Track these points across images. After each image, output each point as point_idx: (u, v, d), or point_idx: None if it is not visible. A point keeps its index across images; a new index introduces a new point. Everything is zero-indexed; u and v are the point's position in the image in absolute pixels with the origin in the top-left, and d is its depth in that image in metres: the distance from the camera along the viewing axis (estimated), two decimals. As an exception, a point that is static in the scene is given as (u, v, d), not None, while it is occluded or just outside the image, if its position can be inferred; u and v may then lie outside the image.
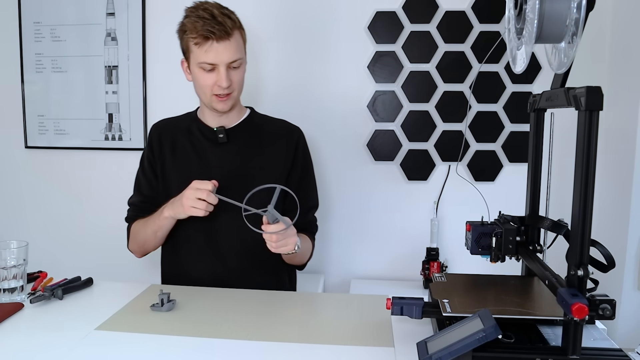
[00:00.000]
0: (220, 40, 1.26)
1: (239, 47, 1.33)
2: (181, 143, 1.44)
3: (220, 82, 1.29)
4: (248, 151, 1.41)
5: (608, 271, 0.85)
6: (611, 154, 1.85)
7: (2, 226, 2.22)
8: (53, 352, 0.90)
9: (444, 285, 1.02)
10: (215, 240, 1.38)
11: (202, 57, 1.28)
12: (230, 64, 1.29)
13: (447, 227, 2.01)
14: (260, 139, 1.43)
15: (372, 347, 0.93)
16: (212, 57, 1.27)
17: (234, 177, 1.38)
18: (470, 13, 1.92)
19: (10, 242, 1.14)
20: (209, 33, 1.25)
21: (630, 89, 1.75)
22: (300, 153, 1.46)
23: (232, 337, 0.97)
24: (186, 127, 1.46)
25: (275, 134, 1.45)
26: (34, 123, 2.14)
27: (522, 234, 1.02)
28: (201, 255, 1.39)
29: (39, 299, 1.11)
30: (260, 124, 1.47)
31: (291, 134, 1.46)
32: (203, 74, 1.31)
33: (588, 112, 0.75)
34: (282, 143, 1.43)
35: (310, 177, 1.50)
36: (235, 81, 1.33)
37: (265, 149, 1.42)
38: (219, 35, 1.25)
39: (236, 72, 1.33)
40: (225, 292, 1.23)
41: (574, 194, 0.78)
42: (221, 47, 1.27)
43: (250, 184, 1.31)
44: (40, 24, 2.09)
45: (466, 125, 1.97)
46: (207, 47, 1.27)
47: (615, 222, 1.82)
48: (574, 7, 0.80)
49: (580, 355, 0.78)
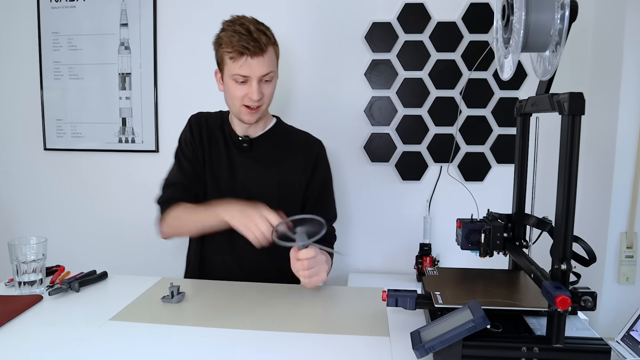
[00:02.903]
0: (254, 56, 1.23)
1: (272, 61, 1.28)
2: (216, 140, 1.40)
3: (251, 94, 1.26)
4: (269, 161, 1.37)
5: (589, 265, 0.85)
6: (592, 156, 1.85)
7: (23, 222, 2.23)
8: (70, 341, 0.90)
9: (436, 279, 1.02)
10: (237, 245, 1.33)
11: (235, 70, 1.25)
12: (262, 77, 1.26)
13: (439, 224, 2.01)
14: (282, 150, 1.39)
15: (369, 337, 0.93)
16: (246, 71, 1.24)
17: (255, 185, 1.35)
18: (461, 24, 1.92)
19: (30, 238, 1.14)
20: (244, 49, 1.21)
21: (610, 95, 1.75)
22: (320, 166, 1.41)
23: (237, 327, 0.97)
24: (220, 127, 1.42)
25: (296, 146, 1.41)
26: (53, 127, 2.15)
27: (509, 230, 1.02)
28: (221, 255, 1.37)
29: (57, 291, 1.12)
30: (284, 136, 1.42)
31: (311, 148, 1.41)
32: (235, 85, 1.27)
33: (571, 117, 0.75)
34: (302, 155, 1.39)
35: (329, 190, 1.45)
36: (266, 94, 1.29)
37: (285, 160, 1.38)
38: (253, 52, 1.22)
39: (267, 85, 1.29)
40: (231, 285, 1.23)
41: (558, 193, 0.78)
42: (255, 62, 1.23)
43: (270, 193, 1.32)
44: (58, 34, 2.09)
45: (457, 128, 1.97)
46: (242, 63, 1.23)
47: (596, 220, 1.82)
48: (557, 18, 0.80)
49: (563, 344, 0.78)
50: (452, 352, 0.79)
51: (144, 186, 2.21)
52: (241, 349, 0.88)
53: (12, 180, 2.21)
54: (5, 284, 1.18)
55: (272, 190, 1.34)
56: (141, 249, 2.15)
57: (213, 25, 2.20)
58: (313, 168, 1.39)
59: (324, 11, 1.97)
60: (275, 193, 1.34)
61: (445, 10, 1.93)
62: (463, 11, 1.92)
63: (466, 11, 1.92)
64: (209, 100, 2.13)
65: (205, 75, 2.05)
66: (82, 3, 2.06)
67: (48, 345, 0.89)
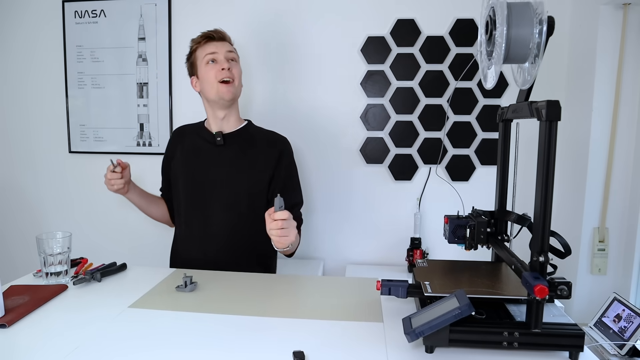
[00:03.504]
0: (219, 41, 1.39)
1: (234, 50, 1.43)
2: (188, 144, 1.48)
3: (222, 64, 1.36)
4: (240, 154, 1.42)
5: (565, 257, 0.85)
6: (568, 158, 1.85)
7: (50, 219, 2.23)
8: (93, 326, 0.90)
9: (426, 270, 1.02)
10: (209, 227, 1.40)
11: (205, 52, 1.38)
12: (228, 55, 1.38)
13: (428, 220, 2.01)
14: (251, 144, 1.44)
15: (364, 322, 0.93)
16: (213, 48, 1.38)
17: (227, 173, 1.40)
18: (448, 38, 1.92)
19: (57, 233, 1.15)
20: (210, 35, 1.39)
21: (584, 102, 1.75)
22: (285, 158, 1.44)
23: (245, 313, 0.97)
24: (194, 131, 1.49)
25: (264, 141, 1.45)
26: (77, 131, 2.15)
27: (492, 226, 1.02)
28: (195, 240, 1.42)
29: (81, 281, 1.12)
30: (254, 133, 1.47)
31: (277, 143, 1.46)
32: (208, 67, 1.37)
33: (548, 122, 0.75)
34: (269, 149, 1.43)
35: (293, 178, 1.48)
36: (235, 73, 1.39)
37: (254, 153, 1.42)
38: (218, 37, 1.39)
39: (234, 65, 1.40)
40: (240, 276, 1.23)
41: (536, 192, 0.78)
42: (219, 44, 1.39)
43: (240, 180, 1.39)
44: (82, 47, 2.09)
45: (444, 133, 1.97)
46: (209, 45, 1.38)
47: (571, 216, 1.82)
48: (536, 32, 0.80)
49: (541, 329, 0.78)
50: (440, 336, 0.79)
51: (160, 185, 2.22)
52: (248, 333, 0.88)
53: (40, 181, 2.21)
54: (34, 275, 1.19)
55: (242, 177, 1.40)
56: (157, 243, 2.15)
57: (223, 39, 2.17)
58: (278, 159, 1.43)
59: (325, 27, 1.97)
60: (244, 182, 1.40)
61: (434, 25, 1.93)
62: (450, 26, 1.92)
63: (453, 26, 1.92)
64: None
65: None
66: (103, 19, 2.06)
67: (72, 330, 0.89)
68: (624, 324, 1.40)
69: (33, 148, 2.20)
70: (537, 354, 0.80)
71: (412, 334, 0.78)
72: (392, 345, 0.84)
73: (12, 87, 2.17)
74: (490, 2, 0.87)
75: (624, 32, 1.65)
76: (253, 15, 1.98)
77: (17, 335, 0.87)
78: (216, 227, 1.39)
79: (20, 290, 1.06)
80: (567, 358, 0.79)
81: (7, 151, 2.22)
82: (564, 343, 0.79)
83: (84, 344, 0.83)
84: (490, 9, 0.86)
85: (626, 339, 1.36)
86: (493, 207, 1.09)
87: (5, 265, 2.25)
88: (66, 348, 0.82)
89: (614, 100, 1.68)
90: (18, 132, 2.20)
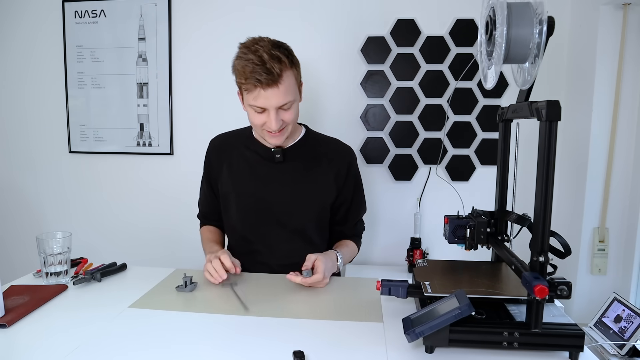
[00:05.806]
0: (268, 88, 1.10)
1: (289, 90, 1.13)
2: (237, 160, 1.30)
3: (269, 124, 1.15)
4: (302, 170, 1.28)
5: (565, 258, 0.85)
6: (568, 158, 1.85)
7: (50, 219, 2.23)
8: (93, 326, 0.90)
9: (426, 270, 1.02)
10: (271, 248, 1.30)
11: (251, 101, 1.14)
12: (281, 107, 1.14)
13: (428, 220, 2.01)
14: (315, 158, 1.30)
15: (364, 322, 0.93)
16: (261, 103, 1.12)
17: (289, 194, 1.27)
18: (448, 38, 1.92)
19: (56, 233, 1.14)
20: (256, 82, 1.09)
21: (584, 102, 1.75)
22: (352, 173, 1.34)
23: (244, 313, 0.97)
24: (242, 144, 1.32)
25: (328, 154, 1.31)
26: (77, 131, 2.14)
27: (492, 226, 1.02)
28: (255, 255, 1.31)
29: (81, 281, 1.12)
30: (315, 144, 1.33)
31: (343, 155, 1.33)
32: (254, 114, 1.16)
33: (548, 123, 0.75)
34: (335, 163, 1.31)
35: (360, 193, 1.39)
36: (287, 119, 1.18)
37: (318, 168, 1.29)
38: (266, 84, 1.09)
39: (287, 112, 1.17)
40: (240, 276, 1.22)
41: (536, 192, 0.78)
42: (270, 93, 1.11)
43: (305, 200, 1.27)
44: (82, 47, 2.09)
45: (444, 133, 1.97)
46: (256, 94, 1.11)
47: (571, 216, 1.82)
48: (536, 33, 0.80)
49: (541, 329, 0.78)
50: (440, 336, 0.79)
51: (160, 185, 2.21)
52: (247, 333, 0.88)
53: (40, 180, 2.21)
54: (34, 275, 1.19)
55: (306, 197, 1.27)
56: (157, 243, 2.15)
57: (223, 39, 2.21)
58: (346, 174, 1.32)
59: (325, 28, 1.97)
60: (309, 202, 1.27)
61: (433, 25, 1.93)
62: (450, 26, 1.92)
63: (453, 26, 1.92)
64: (218, 107, 2.14)
65: (215, 84, 2.06)
66: (103, 19, 2.06)
67: (72, 330, 0.89)
68: (624, 324, 1.40)
69: (33, 148, 2.20)
70: (537, 354, 0.80)
71: (412, 334, 0.78)
72: (392, 345, 0.84)
73: (12, 87, 2.17)
74: (490, 2, 0.87)
75: (624, 32, 1.65)
76: (253, 14, 1.98)
77: (17, 335, 0.87)
78: (279, 250, 1.29)
79: (20, 290, 1.06)
80: (567, 358, 0.79)
81: (7, 151, 2.22)
82: (564, 343, 0.79)
83: (84, 344, 0.83)
84: (490, 9, 0.86)
85: (626, 339, 1.36)
86: (493, 207, 1.08)
87: (5, 265, 2.25)
88: (66, 348, 0.82)
89: (614, 100, 1.68)
90: (18, 132, 2.20)
